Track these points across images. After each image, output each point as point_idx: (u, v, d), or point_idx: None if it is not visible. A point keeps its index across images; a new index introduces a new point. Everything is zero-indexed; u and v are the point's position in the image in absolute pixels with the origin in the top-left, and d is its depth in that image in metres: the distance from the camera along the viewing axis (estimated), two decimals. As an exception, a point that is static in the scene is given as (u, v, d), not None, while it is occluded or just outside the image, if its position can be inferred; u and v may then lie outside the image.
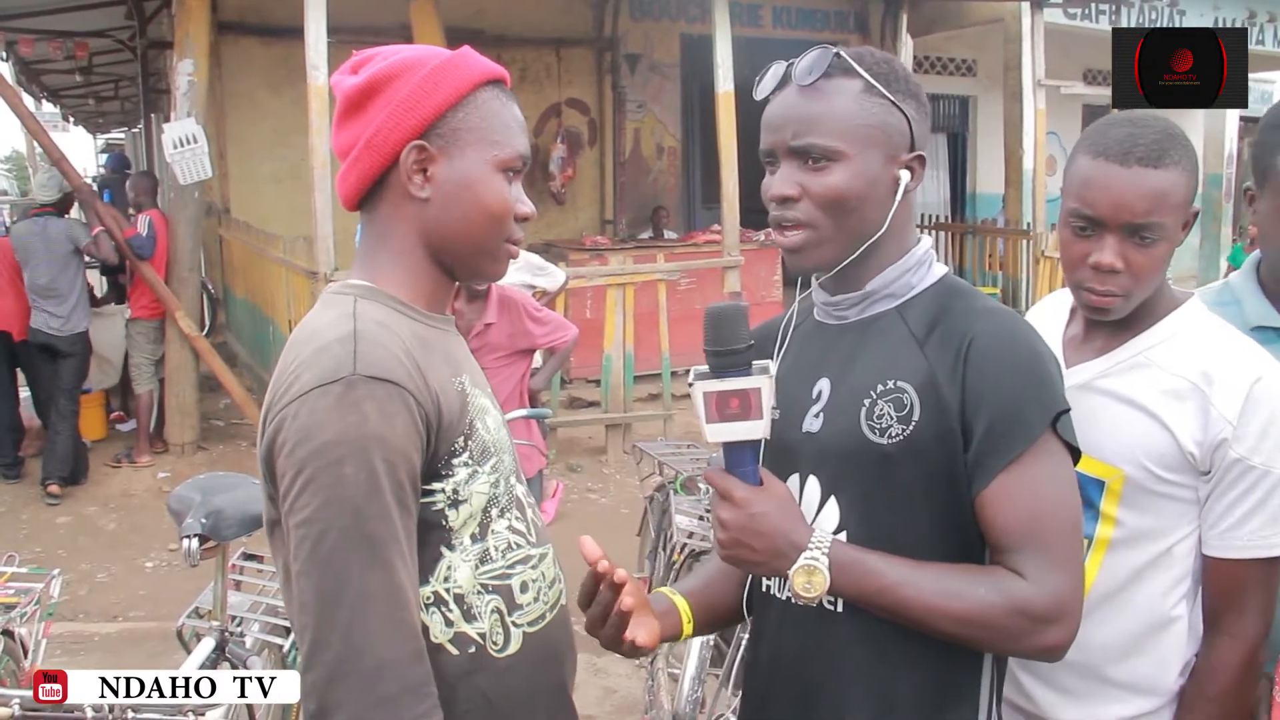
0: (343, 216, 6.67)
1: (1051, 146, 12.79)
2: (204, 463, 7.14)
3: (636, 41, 11.65)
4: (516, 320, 4.30)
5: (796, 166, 1.40)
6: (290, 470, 1.22)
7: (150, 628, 4.84)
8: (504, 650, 1.37)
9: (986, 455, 1.32)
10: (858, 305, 1.47)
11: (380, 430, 1.22)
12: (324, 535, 1.20)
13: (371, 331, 1.28)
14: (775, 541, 1.33)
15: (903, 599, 1.31)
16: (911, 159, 1.42)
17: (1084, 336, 1.71)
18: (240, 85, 9.78)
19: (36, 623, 3.01)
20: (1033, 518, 1.31)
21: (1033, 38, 10.03)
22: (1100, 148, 1.56)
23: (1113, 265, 1.56)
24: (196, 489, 2.77)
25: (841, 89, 1.39)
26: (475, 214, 1.37)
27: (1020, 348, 1.36)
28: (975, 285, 1.87)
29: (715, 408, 1.32)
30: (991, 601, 1.29)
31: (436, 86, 1.35)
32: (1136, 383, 1.62)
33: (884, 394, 1.38)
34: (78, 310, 6.88)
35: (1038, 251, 10.20)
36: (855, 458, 1.39)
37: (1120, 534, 1.62)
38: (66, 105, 19.15)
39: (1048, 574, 1.30)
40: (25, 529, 6.26)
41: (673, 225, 11.36)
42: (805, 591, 1.31)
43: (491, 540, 1.37)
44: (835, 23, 12.38)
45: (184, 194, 7.29)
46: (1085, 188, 1.57)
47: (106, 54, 12.24)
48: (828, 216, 1.39)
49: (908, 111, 1.41)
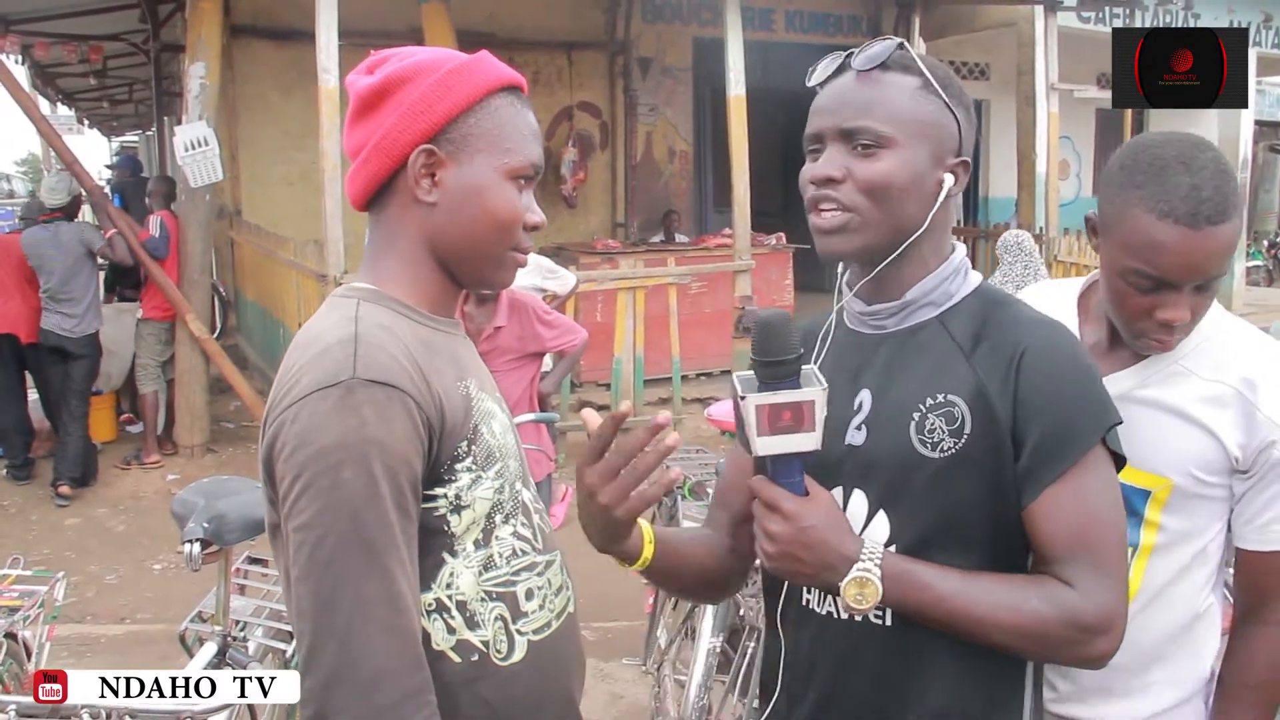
0: (353, 219, 6.70)
1: (1065, 151, 12.77)
2: (213, 465, 7.15)
3: (649, 45, 11.64)
4: (526, 323, 4.30)
5: (845, 150, 1.38)
6: (289, 474, 1.21)
7: (158, 630, 4.83)
8: (508, 659, 1.35)
9: (1038, 467, 1.32)
10: (897, 315, 1.44)
11: (379, 434, 1.20)
12: (322, 540, 1.18)
13: (373, 335, 1.27)
14: (825, 554, 1.31)
15: (955, 610, 1.30)
16: (957, 163, 1.41)
17: (1109, 345, 1.70)
18: (252, 88, 9.81)
19: (40, 625, 3.01)
20: (1083, 529, 1.32)
21: (1046, 41, 9.99)
22: (1165, 207, 1.50)
23: (1184, 318, 1.56)
24: (200, 493, 2.75)
25: (898, 82, 1.38)
26: (482, 221, 1.36)
27: (1074, 360, 1.37)
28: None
29: (767, 421, 1.28)
30: (1044, 613, 1.29)
31: (449, 91, 1.33)
32: (1176, 391, 1.62)
33: (934, 408, 1.36)
34: (90, 312, 6.91)
35: (1050, 256, 10.14)
36: (906, 471, 1.37)
37: (1163, 538, 1.65)
38: (81, 108, 19.27)
39: (1097, 584, 1.30)
40: (34, 530, 6.28)
41: (684, 229, 11.35)
42: (857, 604, 1.31)
43: (495, 547, 1.36)
44: (848, 27, 12.36)
45: (195, 196, 7.31)
46: (1154, 251, 1.52)
47: (120, 57, 12.32)
48: (870, 202, 1.37)
49: (959, 116, 1.41)
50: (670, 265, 8.27)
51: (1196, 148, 1.55)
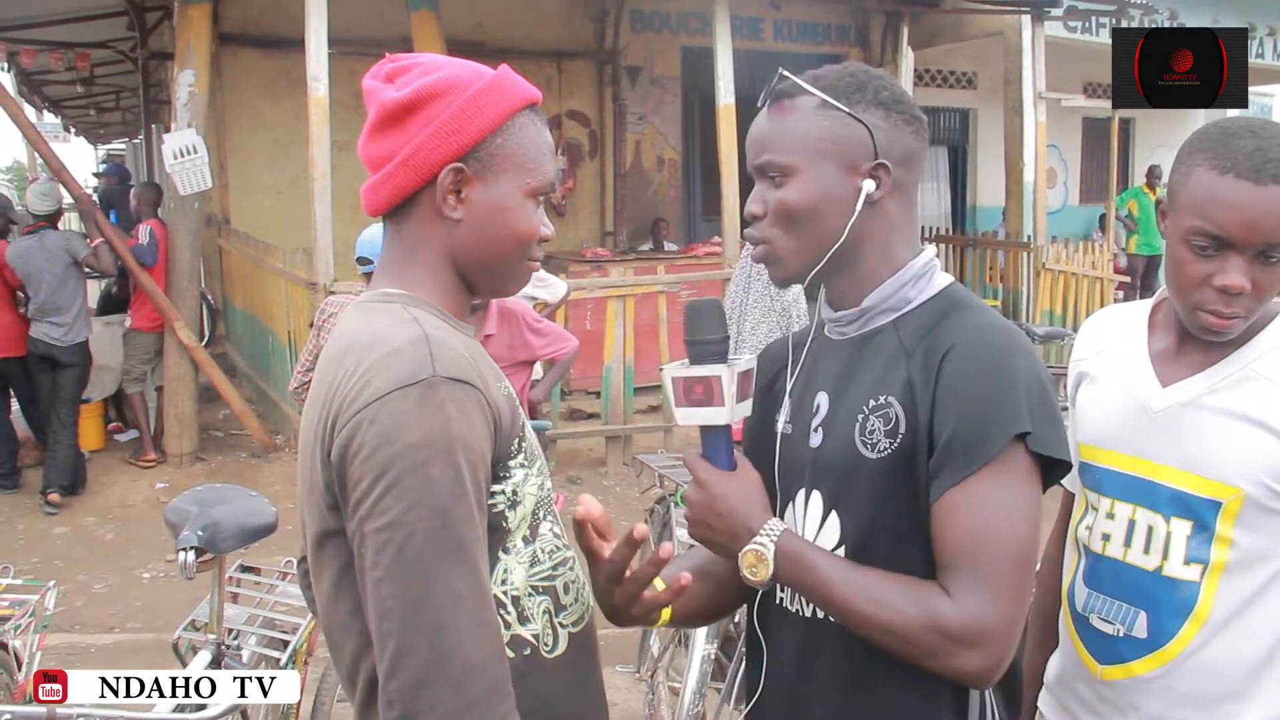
0: (342, 228, 6.70)
1: (1052, 159, 12.84)
2: (202, 473, 7.12)
3: (637, 54, 11.66)
4: (516, 332, 4.29)
5: (765, 185, 1.46)
6: (369, 475, 1.20)
7: (147, 639, 4.81)
8: (554, 651, 1.37)
9: (942, 468, 1.31)
10: (856, 321, 1.48)
11: (463, 431, 1.22)
12: (410, 538, 1.18)
13: (440, 335, 1.28)
14: (732, 524, 1.39)
15: (835, 598, 1.33)
16: (873, 167, 1.41)
17: (1177, 351, 1.64)
18: (241, 96, 9.78)
19: (31, 635, 2.99)
20: (971, 537, 1.29)
21: (1033, 51, 10.05)
22: (1229, 162, 1.46)
23: (1243, 287, 1.48)
24: (193, 501, 2.75)
25: (796, 107, 1.43)
26: (504, 239, 1.38)
27: (996, 362, 1.33)
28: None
29: (683, 392, 1.41)
30: (910, 615, 1.28)
31: (481, 110, 1.35)
32: (1249, 397, 1.55)
33: (875, 409, 1.39)
34: (79, 321, 6.88)
35: (1038, 264, 10.20)
36: (850, 473, 1.40)
37: (1236, 556, 1.55)
38: (68, 116, 19.23)
39: (973, 596, 1.27)
40: (22, 539, 6.24)
41: (673, 237, 11.37)
42: (752, 574, 1.37)
43: (539, 543, 1.38)
44: (836, 36, 12.41)
45: (184, 204, 7.29)
46: (1214, 205, 1.47)
47: (108, 65, 12.29)
48: (782, 230, 1.44)
49: (870, 121, 1.41)
50: (660, 273, 8.29)
51: (1267, 122, 1.52)
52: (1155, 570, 1.61)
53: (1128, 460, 1.64)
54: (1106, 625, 1.66)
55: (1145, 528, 1.62)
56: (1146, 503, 1.62)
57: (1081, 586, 1.72)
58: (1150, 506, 1.62)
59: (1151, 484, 1.61)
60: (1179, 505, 1.59)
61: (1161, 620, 1.60)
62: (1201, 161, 1.50)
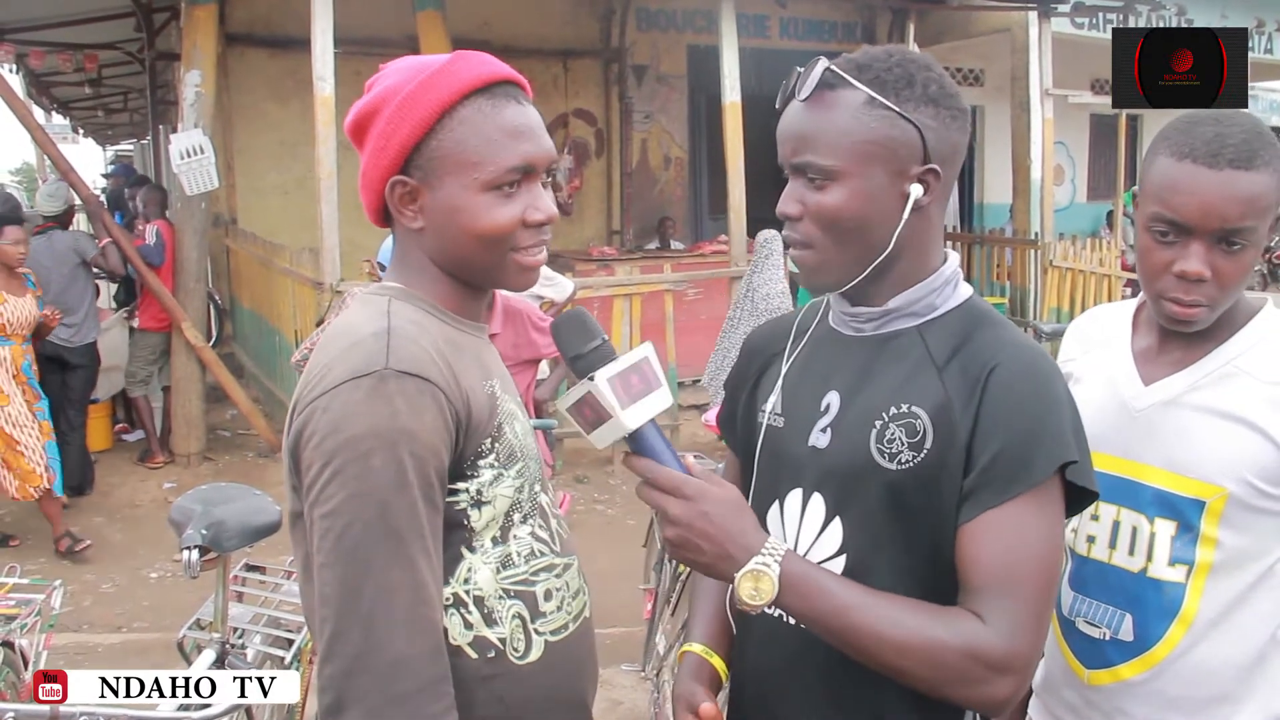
0: (349, 228, 6.71)
1: (1059, 156, 12.80)
2: (210, 473, 7.13)
3: (643, 52, 11.65)
4: (521, 331, 4.29)
5: (801, 183, 1.37)
6: (318, 462, 1.22)
7: (154, 639, 4.81)
8: (525, 657, 1.36)
9: (982, 488, 1.28)
10: (876, 320, 1.42)
11: (410, 425, 1.22)
12: (348, 527, 1.19)
13: (405, 328, 1.29)
14: (724, 543, 1.25)
15: (852, 624, 1.25)
16: (923, 172, 1.34)
17: (1159, 349, 1.63)
18: (247, 97, 9.80)
19: (37, 634, 3.00)
20: (1010, 563, 1.26)
21: (1040, 47, 10.01)
22: (1186, 148, 1.46)
23: (1200, 274, 1.47)
24: (198, 500, 2.75)
25: (840, 101, 1.33)
26: (465, 240, 1.35)
27: (1044, 387, 1.31)
28: (983, 295, 1.80)
29: (623, 390, 1.26)
30: (945, 640, 1.23)
31: (404, 119, 1.32)
32: (1231, 394, 1.53)
33: (896, 417, 1.34)
34: (88, 321, 6.89)
35: (1045, 261, 10.17)
36: (861, 480, 1.35)
37: (1221, 556, 1.54)
38: (76, 117, 19.27)
39: (1009, 621, 1.24)
40: (31, 538, 6.26)
41: (679, 236, 11.35)
42: (751, 599, 1.25)
43: (514, 545, 1.37)
44: (842, 33, 12.38)
45: (190, 205, 7.30)
46: (1170, 192, 1.46)
47: (116, 66, 12.32)
48: (827, 237, 1.36)
49: (920, 121, 1.32)
50: (666, 272, 8.27)
51: (1235, 111, 1.50)
52: (1140, 572, 1.59)
53: (1112, 460, 1.61)
54: (1092, 629, 1.64)
55: (1130, 529, 1.61)
56: (1130, 503, 1.60)
57: (1067, 589, 1.70)
58: (1134, 507, 1.60)
59: (1135, 484, 1.59)
60: (1163, 505, 1.57)
61: (1148, 623, 1.58)
62: (1164, 149, 1.50)
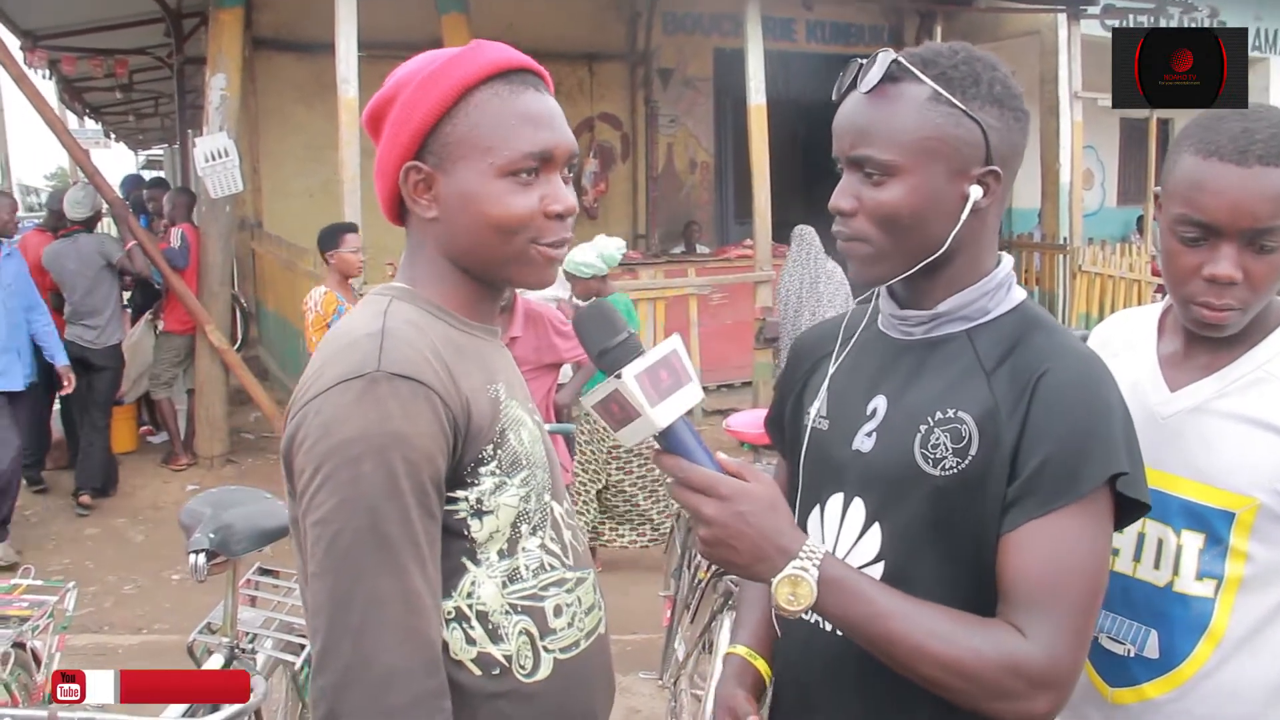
0: (373, 231, 6.71)
1: (1089, 160, 12.66)
2: (233, 476, 7.16)
3: (669, 56, 11.64)
4: (543, 334, 4.28)
5: (857, 178, 1.33)
6: (309, 467, 1.18)
7: (173, 641, 4.80)
8: (533, 675, 1.30)
9: (1027, 496, 1.23)
10: (926, 324, 1.38)
11: (402, 429, 1.17)
12: (338, 535, 1.15)
13: (401, 330, 1.24)
14: (761, 545, 1.21)
15: (890, 632, 1.21)
16: (984, 173, 1.30)
17: (1185, 353, 1.56)
18: (273, 100, 9.86)
19: (50, 636, 2.99)
20: (1054, 575, 1.21)
21: (1069, 50, 9.92)
22: (1212, 145, 1.40)
23: (1232, 277, 1.40)
24: (207, 503, 2.73)
25: (904, 95, 1.29)
26: (481, 229, 1.30)
27: (1094, 394, 1.26)
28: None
29: (652, 387, 1.21)
30: (985, 653, 1.19)
31: (419, 102, 1.29)
32: (1261, 400, 1.46)
33: (942, 422, 1.30)
34: (112, 324, 6.95)
35: (1074, 266, 10.06)
36: (903, 485, 1.31)
37: (1251, 570, 1.46)
38: (108, 122, 19.49)
39: (1052, 635, 1.20)
40: (54, 540, 6.30)
41: (705, 240, 11.33)
42: (788, 604, 1.21)
43: (522, 558, 1.31)
44: (869, 36, 12.32)
45: (216, 208, 7.34)
46: (1197, 191, 1.40)
47: (146, 71, 12.46)
48: (883, 233, 1.32)
49: (985, 120, 1.29)
50: (691, 276, 8.25)
51: (1261, 106, 1.44)
52: (1166, 586, 1.52)
53: None
54: (1116, 645, 1.57)
55: (1155, 541, 1.54)
56: (1156, 515, 1.51)
57: None
58: (1160, 519, 1.52)
59: (1161, 495, 1.50)
60: (1190, 517, 1.50)
61: (1174, 639, 1.51)
62: (1188, 147, 1.44)
